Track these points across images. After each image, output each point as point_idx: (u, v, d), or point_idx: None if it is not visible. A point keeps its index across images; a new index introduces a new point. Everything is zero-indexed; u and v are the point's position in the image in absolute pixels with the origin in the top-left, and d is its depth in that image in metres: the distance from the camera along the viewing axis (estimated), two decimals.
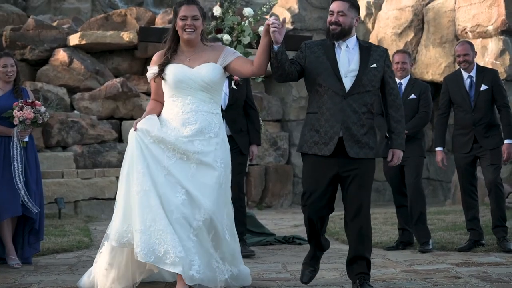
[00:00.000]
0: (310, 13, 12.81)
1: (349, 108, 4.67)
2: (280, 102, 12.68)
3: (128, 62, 12.15)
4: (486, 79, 6.70)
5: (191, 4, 4.67)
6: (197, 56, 4.68)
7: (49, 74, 11.61)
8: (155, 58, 4.77)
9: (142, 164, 4.52)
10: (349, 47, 4.77)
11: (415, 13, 12.09)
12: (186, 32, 4.62)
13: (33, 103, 6.21)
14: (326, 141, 4.68)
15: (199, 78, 4.60)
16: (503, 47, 10.72)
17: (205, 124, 4.62)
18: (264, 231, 7.71)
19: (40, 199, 6.34)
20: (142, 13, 12.46)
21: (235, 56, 4.71)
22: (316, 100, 4.74)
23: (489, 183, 6.63)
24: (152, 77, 4.76)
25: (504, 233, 6.60)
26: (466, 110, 6.71)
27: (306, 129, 4.79)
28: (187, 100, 4.62)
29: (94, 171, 10.29)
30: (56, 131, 10.57)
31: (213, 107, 4.71)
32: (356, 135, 4.67)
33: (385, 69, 4.79)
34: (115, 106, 11.46)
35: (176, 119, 4.62)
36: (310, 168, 4.78)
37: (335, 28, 4.73)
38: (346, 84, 4.68)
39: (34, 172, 6.30)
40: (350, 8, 4.75)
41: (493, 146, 6.65)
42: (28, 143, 6.30)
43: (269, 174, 12.06)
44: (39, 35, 11.73)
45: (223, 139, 4.73)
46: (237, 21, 7.44)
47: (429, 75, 11.84)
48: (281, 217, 10.49)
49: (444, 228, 7.97)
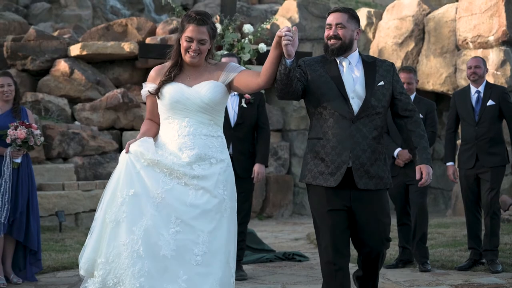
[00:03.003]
0: (310, 22, 12.80)
1: (358, 133, 4.17)
2: (281, 112, 12.68)
3: (129, 72, 12.16)
4: (493, 95, 6.71)
5: (201, 25, 4.10)
6: (199, 75, 4.18)
7: (50, 84, 11.62)
8: (152, 73, 4.25)
9: (127, 191, 3.95)
10: (352, 63, 4.28)
11: (416, 23, 12.09)
12: (189, 55, 4.13)
13: (29, 125, 6.21)
14: (333, 171, 4.17)
15: (197, 97, 4.10)
16: (504, 58, 10.71)
17: (204, 149, 4.07)
18: (264, 247, 7.72)
19: (36, 219, 6.34)
20: (143, 23, 12.46)
21: (238, 70, 4.16)
22: (320, 124, 4.22)
23: (487, 207, 6.63)
24: (146, 95, 4.25)
25: (494, 257, 6.61)
26: (470, 124, 6.73)
27: (309, 157, 4.28)
28: (184, 122, 4.10)
29: (95, 182, 10.30)
30: (57, 142, 10.59)
31: (213, 130, 4.15)
32: (365, 164, 4.18)
33: (394, 84, 4.30)
34: (116, 117, 11.47)
35: (172, 143, 4.08)
36: (317, 201, 4.26)
37: (335, 42, 4.24)
38: (354, 107, 4.18)
39: (26, 193, 6.29)
40: (350, 19, 4.27)
41: (494, 164, 6.63)
42: (22, 163, 6.28)
43: (269, 184, 12.06)
44: (40, 46, 11.74)
45: (228, 164, 4.14)
46: (237, 38, 7.46)
47: (430, 85, 11.84)
48: (281, 229, 10.50)
49: (444, 243, 7.97)
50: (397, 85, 4.31)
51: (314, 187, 4.24)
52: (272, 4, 19.00)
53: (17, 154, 6.22)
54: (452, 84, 11.57)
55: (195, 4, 18.47)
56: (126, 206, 3.92)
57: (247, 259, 7.16)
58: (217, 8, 14.17)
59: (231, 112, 6.58)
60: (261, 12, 17.37)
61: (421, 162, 4.27)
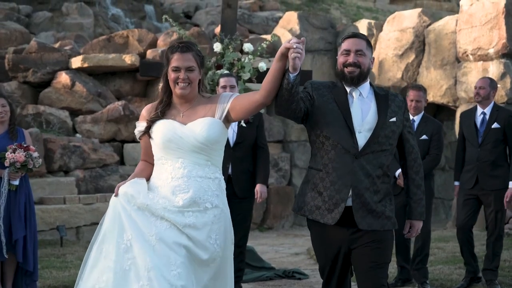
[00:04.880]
0: (311, 34, 12.83)
1: (361, 170, 3.88)
2: (282, 123, 12.71)
3: (130, 84, 12.19)
4: (499, 118, 6.68)
5: (186, 52, 3.83)
6: (193, 111, 3.87)
7: (51, 96, 11.66)
8: (144, 112, 3.98)
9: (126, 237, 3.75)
10: (363, 94, 3.98)
11: (416, 35, 12.11)
12: (178, 87, 3.83)
13: (27, 147, 6.22)
14: (330, 208, 3.89)
15: (191, 136, 3.80)
16: (504, 70, 10.74)
17: (199, 192, 3.78)
18: (264, 265, 7.76)
19: (34, 239, 6.36)
20: (144, 35, 12.50)
21: (232, 98, 3.87)
22: (321, 155, 3.95)
23: (492, 228, 6.66)
24: (139, 135, 3.99)
25: (493, 277, 6.65)
26: (474, 145, 6.73)
27: (307, 188, 4.00)
28: (177, 163, 3.81)
29: (96, 196, 10.34)
30: (58, 156, 10.62)
31: (210, 171, 3.85)
32: (369, 203, 3.88)
33: (404, 123, 4.05)
34: (117, 129, 11.51)
35: (166, 186, 3.81)
36: (314, 236, 4.06)
37: (353, 70, 3.92)
38: (359, 141, 3.90)
39: (23, 215, 6.29)
40: (368, 46, 3.98)
41: (496, 187, 6.63)
42: (20, 185, 6.29)
43: (270, 196, 12.06)
44: (42, 58, 11.78)
45: (222, 211, 3.87)
46: (237, 57, 7.49)
47: (430, 97, 11.86)
48: (281, 242, 10.53)
49: (444, 260, 7.99)
50: (407, 123, 4.07)
51: (311, 221, 4.01)
52: (273, 11, 19.06)
53: (15, 176, 6.23)
54: (452, 96, 11.60)
55: (196, 12, 18.55)
56: (131, 253, 3.72)
57: (247, 277, 7.19)
58: (218, 15, 14.20)
59: (230, 131, 6.59)
60: (262, 20, 17.42)
61: (414, 216, 4.11)
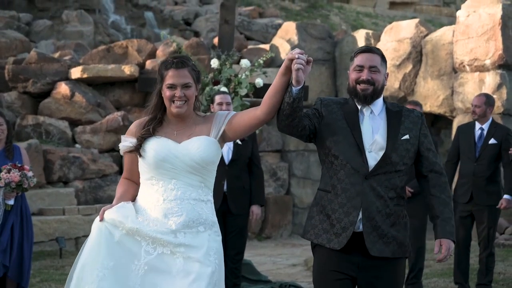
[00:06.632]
0: (310, 44, 12.90)
1: (372, 191, 3.63)
2: (280, 133, 12.76)
3: (129, 94, 12.26)
4: (497, 134, 6.77)
5: (181, 68, 3.58)
6: (187, 129, 3.64)
7: (51, 107, 11.74)
8: (132, 128, 3.71)
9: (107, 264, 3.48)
10: (374, 112, 3.74)
11: (414, 45, 12.19)
12: (175, 105, 3.59)
13: (22, 167, 6.23)
14: (338, 232, 3.64)
15: (187, 156, 3.55)
16: (500, 81, 10.81)
17: (193, 215, 3.55)
18: (261, 278, 7.82)
19: (29, 257, 6.40)
20: (143, 45, 12.57)
21: (229, 116, 3.65)
22: (330, 175, 3.70)
23: (484, 244, 6.73)
24: (125, 150, 3.69)
25: None
26: (470, 159, 6.80)
27: (314, 210, 3.77)
28: (170, 184, 3.56)
29: (95, 207, 10.41)
30: (57, 167, 10.70)
31: (203, 193, 3.61)
32: (380, 227, 3.62)
33: (421, 139, 3.75)
34: (116, 139, 11.57)
35: (156, 208, 3.56)
36: (318, 263, 3.77)
37: (367, 87, 3.68)
38: (370, 161, 3.65)
39: (18, 234, 6.31)
40: (382, 62, 3.75)
41: (490, 203, 6.71)
42: (15, 202, 6.31)
43: (268, 205, 12.14)
44: (41, 68, 11.85)
45: (215, 231, 3.65)
46: (234, 73, 7.57)
47: (427, 107, 11.94)
48: (279, 253, 10.59)
49: (439, 272, 8.05)
50: (425, 140, 3.76)
51: (317, 246, 3.75)
52: (273, 18, 19.14)
53: (10, 196, 6.24)
54: (449, 106, 11.68)
55: (196, 19, 18.64)
56: (107, 281, 3.45)
57: None
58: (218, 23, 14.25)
59: (225, 149, 6.62)
60: (262, 27, 17.50)
61: (443, 235, 3.68)
